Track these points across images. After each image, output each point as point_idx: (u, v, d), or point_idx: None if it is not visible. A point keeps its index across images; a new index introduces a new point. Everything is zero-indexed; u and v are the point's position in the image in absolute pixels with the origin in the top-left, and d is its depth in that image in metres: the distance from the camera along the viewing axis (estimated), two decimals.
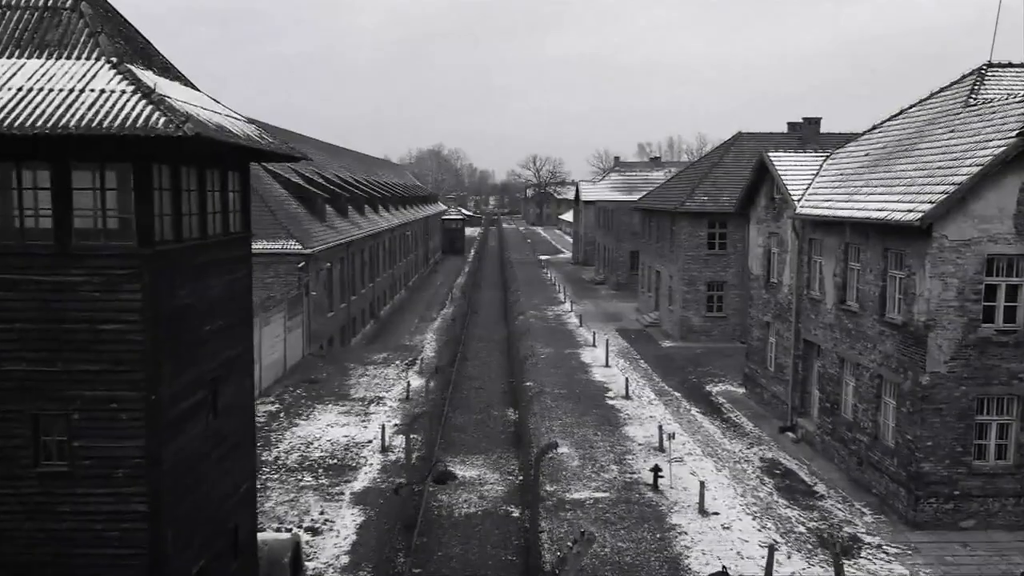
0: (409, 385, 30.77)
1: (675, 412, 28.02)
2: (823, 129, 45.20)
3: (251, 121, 13.76)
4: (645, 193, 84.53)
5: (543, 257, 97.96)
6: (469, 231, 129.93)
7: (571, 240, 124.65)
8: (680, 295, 41.01)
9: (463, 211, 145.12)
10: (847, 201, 21.66)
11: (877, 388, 19.96)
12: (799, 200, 24.52)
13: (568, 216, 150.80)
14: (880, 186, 20.75)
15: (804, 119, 45.13)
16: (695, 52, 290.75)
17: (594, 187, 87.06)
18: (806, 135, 44.40)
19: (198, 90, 13.07)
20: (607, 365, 35.59)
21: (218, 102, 13.19)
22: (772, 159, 26.54)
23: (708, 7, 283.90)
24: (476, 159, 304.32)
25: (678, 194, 43.62)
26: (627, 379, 32.70)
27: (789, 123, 46.32)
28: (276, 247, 36.15)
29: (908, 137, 22.31)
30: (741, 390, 30.79)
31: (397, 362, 35.38)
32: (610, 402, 29.25)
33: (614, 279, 63.63)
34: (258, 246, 36.68)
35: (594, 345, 40.32)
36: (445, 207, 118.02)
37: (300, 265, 36.42)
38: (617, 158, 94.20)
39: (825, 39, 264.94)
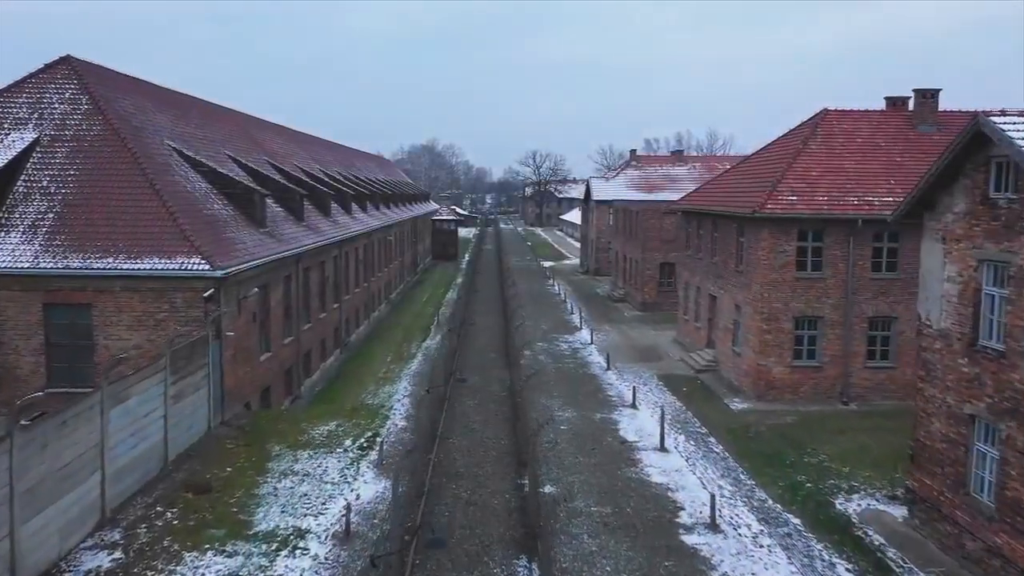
0: (356, 499, 18.91)
1: (809, 569, 16.16)
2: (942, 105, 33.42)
3: None
4: (668, 191, 72.89)
5: (547, 263, 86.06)
6: (464, 232, 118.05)
7: (575, 243, 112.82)
8: (755, 333, 29.13)
9: (457, 211, 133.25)
10: None
11: None
12: None
13: (570, 216, 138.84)
14: None
15: (915, 91, 33.36)
16: (691, 53, 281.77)
17: (608, 184, 75.40)
18: (921, 112, 32.66)
19: None
20: (663, 448, 23.73)
21: None
22: (1002, 129, 14.63)
23: (706, 10, 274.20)
24: (473, 156, 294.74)
25: (748, 192, 31.78)
26: (701, 479, 20.93)
27: (888, 98, 34.59)
28: (170, 267, 24.25)
29: None
30: (898, 512, 18.89)
31: (347, 442, 23.43)
32: (689, 540, 17.36)
33: (640, 297, 51.77)
34: (143, 265, 24.87)
35: (634, 405, 28.44)
36: (437, 206, 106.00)
37: (207, 293, 24.52)
38: (633, 151, 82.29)
39: (827, 41, 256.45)
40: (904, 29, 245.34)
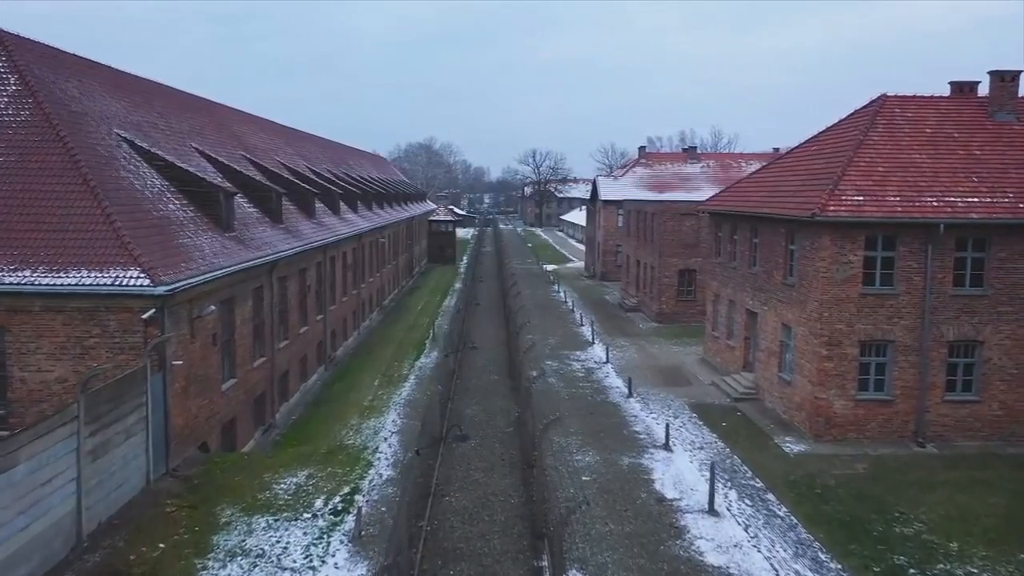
0: None
1: None
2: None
3: None
4: (681, 190, 68.20)
5: (549, 267, 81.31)
6: (462, 232, 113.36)
7: (578, 245, 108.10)
8: (813, 360, 24.41)
9: (455, 211, 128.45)
10: None
11: None
12: None
13: (571, 217, 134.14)
14: None
15: (991, 73, 28.69)
16: (692, 53, 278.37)
17: (616, 183, 70.71)
18: (999, 98, 27.97)
19: None
20: (712, 510, 19.01)
21: None
22: None
23: (707, 10, 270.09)
24: (471, 155, 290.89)
25: (798, 191, 27.03)
26: (770, 561, 16.23)
27: (953, 82, 29.88)
28: (101, 282, 19.52)
29: None
30: None
31: (318, 503, 18.66)
32: None
33: (656, 307, 47.04)
34: (67, 280, 20.09)
35: (668, 447, 23.70)
36: (434, 206, 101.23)
37: (147, 314, 19.77)
38: (642, 148, 77.56)
39: (828, 41, 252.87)
40: (905, 29, 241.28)
